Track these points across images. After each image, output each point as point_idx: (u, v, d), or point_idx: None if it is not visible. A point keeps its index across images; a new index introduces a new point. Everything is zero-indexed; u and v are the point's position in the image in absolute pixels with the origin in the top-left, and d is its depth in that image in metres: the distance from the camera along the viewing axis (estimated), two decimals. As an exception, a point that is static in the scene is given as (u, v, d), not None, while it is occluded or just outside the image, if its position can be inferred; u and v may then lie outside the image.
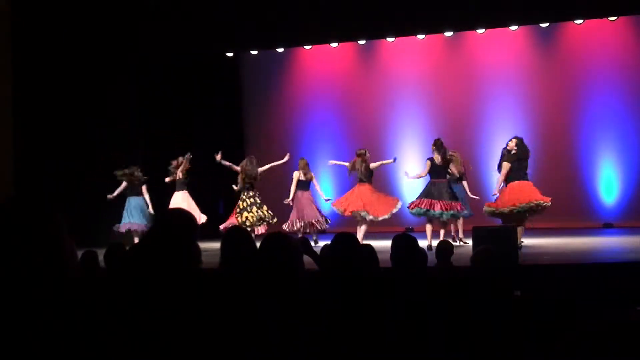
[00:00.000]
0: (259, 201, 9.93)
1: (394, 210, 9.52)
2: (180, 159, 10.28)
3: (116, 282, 3.01)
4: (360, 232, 9.43)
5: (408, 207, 9.31)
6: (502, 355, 3.20)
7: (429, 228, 9.13)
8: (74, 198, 10.73)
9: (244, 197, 9.96)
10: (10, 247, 1.72)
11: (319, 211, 10.40)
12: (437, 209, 8.98)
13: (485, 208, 8.85)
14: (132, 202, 10.20)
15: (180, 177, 10.20)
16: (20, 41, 10.66)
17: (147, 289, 2.27)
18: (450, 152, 9.47)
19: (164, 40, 11.27)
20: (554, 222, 10.73)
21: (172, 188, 10.34)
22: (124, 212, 10.18)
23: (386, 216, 9.45)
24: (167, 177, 10.37)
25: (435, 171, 9.25)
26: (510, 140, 8.86)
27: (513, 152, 8.73)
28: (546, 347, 3.25)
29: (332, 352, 2.65)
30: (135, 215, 10.05)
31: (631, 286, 6.17)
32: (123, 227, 10.07)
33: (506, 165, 8.70)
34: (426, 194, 9.18)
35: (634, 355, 3.27)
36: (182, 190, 10.24)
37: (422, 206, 9.05)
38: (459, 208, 9.12)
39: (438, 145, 9.28)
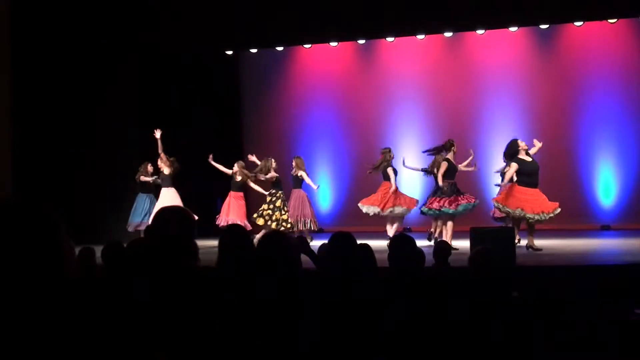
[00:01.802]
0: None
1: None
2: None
3: (114, 280, 3.00)
4: (393, 229, 9.65)
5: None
6: (501, 355, 3.20)
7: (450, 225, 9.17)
8: (72, 196, 10.72)
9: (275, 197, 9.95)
10: (8, 246, 1.72)
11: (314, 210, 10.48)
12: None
13: (495, 203, 8.94)
14: (148, 199, 10.23)
15: (167, 172, 10.11)
16: (20, 39, 10.64)
17: (145, 287, 2.27)
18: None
19: (164, 39, 11.26)
20: (551, 224, 10.69)
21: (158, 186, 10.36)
22: (143, 210, 10.19)
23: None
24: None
25: (453, 171, 9.28)
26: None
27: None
28: (545, 347, 3.25)
29: (331, 352, 2.65)
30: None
31: (628, 289, 6.18)
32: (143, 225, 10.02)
33: (514, 165, 8.71)
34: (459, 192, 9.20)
35: (629, 355, 3.28)
36: (169, 187, 10.17)
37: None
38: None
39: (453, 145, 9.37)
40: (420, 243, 4.63)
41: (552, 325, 3.42)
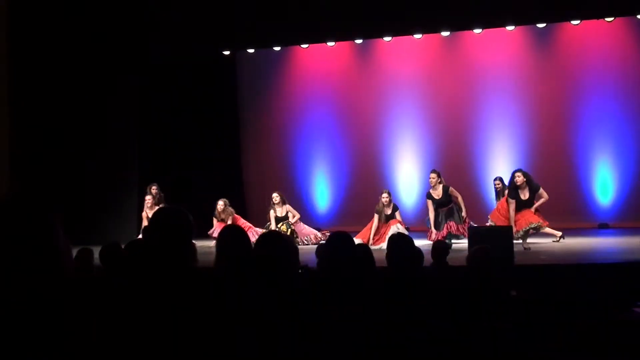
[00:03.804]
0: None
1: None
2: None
3: (112, 281, 3.00)
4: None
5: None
6: (499, 354, 3.20)
7: None
8: (71, 196, 10.72)
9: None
10: (7, 245, 1.72)
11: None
12: None
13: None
14: None
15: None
16: (18, 39, 10.63)
17: (143, 287, 2.26)
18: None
19: (161, 39, 11.25)
20: (549, 222, 10.73)
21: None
22: None
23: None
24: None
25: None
26: (517, 175, 9.03)
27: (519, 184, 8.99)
28: (543, 346, 3.25)
29: (330, 352, 2.65)
30: None
31: (626, 286, 6.18)
32: None
33: (513, 203, 9.02)
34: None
35: (629, 354, 3.28)
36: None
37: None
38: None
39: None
40: (419, 243, 4.63)
41: (552, 324, 3.42)
